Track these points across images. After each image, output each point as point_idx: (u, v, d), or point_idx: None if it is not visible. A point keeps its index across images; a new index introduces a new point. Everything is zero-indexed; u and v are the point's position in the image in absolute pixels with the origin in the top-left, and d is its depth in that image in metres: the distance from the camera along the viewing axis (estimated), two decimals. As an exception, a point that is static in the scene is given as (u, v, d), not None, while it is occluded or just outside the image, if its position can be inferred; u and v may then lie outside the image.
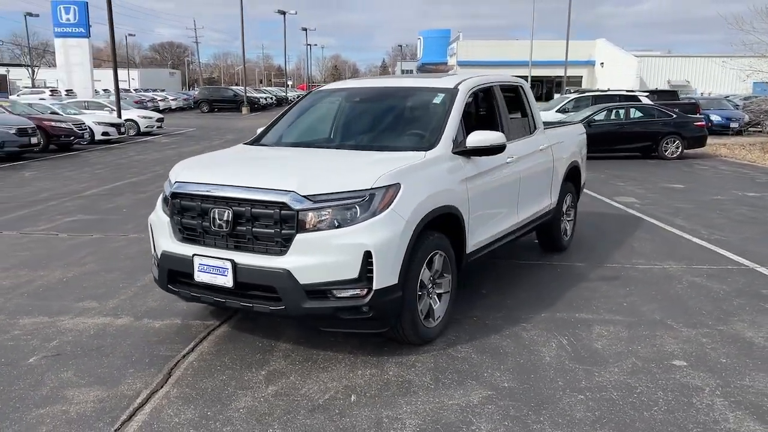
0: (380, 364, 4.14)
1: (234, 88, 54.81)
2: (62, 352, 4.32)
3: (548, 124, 7.56)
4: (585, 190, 8.78)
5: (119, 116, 23.45)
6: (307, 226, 3.88)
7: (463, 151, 4.76)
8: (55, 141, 18.25)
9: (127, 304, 5.27)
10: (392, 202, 3.97)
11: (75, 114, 21.43)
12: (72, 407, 3.58)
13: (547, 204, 6.40)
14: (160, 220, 4.52)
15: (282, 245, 3.92)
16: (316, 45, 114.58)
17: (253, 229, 3.99)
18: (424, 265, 4.27)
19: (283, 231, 3.92)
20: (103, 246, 7.27)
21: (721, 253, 7.00)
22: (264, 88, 75.52)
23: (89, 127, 20.08)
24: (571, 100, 20.80)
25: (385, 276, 3.90)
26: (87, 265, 6.43)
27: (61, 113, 20.83)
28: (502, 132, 5.36)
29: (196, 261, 4.13)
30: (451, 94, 5.16)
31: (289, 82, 79.91)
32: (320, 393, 3.75)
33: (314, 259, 3.85)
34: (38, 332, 4.67)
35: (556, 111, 19.64)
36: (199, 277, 4.14)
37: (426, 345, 4.40)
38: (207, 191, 4.18)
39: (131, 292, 5.60)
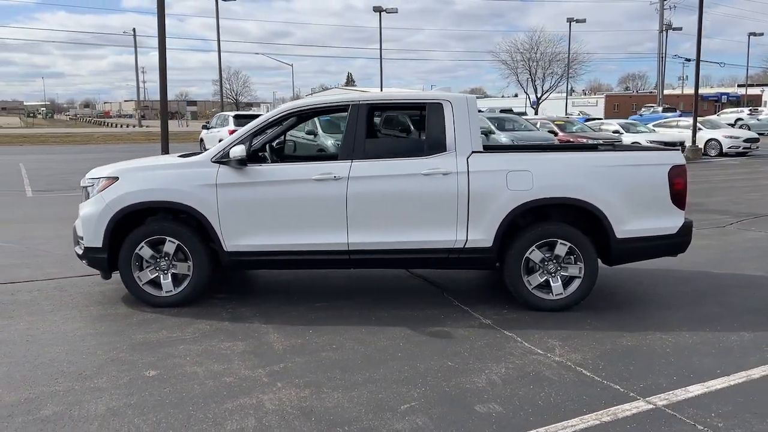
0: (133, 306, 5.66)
1: None
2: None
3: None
4: None
5: (693, 136, 23.97)
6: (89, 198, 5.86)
7: (228, 160, 5.51)
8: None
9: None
10: (105, 189, 5.53)
11: (622, 133, 23.85)
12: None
13: (447, 239, 5.54)
14: None
15: None
16: None
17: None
18: (143, 243, 5.53)
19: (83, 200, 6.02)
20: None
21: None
22: None
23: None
24: None
25: (89, 238, 5.62)
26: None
27: (591, 130, 23.33)
28: (339, 150, 5.79)
29: None
30: (272, 113, 5.87)
31: None
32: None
33: (78, 220, 5.85)
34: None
35: None
36: None
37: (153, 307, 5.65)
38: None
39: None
